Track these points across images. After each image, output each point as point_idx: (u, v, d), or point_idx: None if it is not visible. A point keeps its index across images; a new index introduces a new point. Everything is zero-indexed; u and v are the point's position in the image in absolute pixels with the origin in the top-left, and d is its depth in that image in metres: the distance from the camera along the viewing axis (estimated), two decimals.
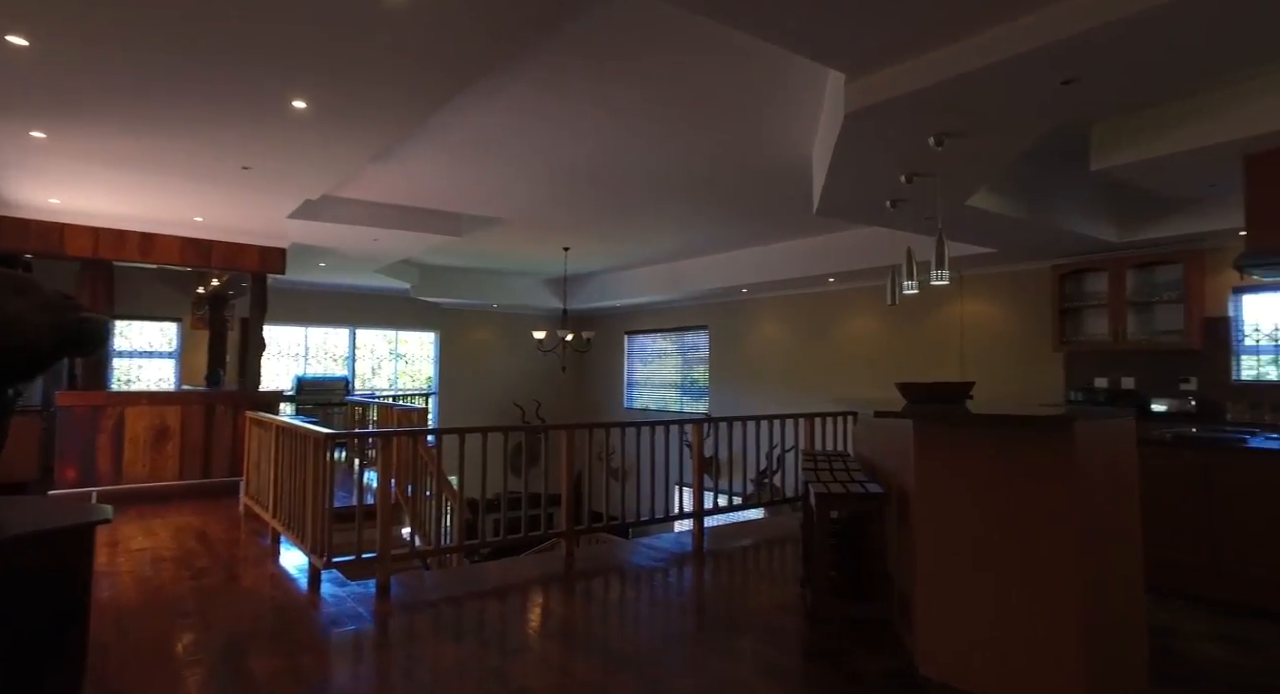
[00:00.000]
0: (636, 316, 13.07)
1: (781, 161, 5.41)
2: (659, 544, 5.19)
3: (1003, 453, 2.72)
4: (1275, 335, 6.13)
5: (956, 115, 3.18)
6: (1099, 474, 2.67)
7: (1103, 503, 2.67)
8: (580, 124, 4.71)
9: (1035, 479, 2.63)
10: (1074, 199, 5.89)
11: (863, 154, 3.80)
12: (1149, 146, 4.30)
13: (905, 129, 3.37)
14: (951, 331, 8.34)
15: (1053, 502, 2.60)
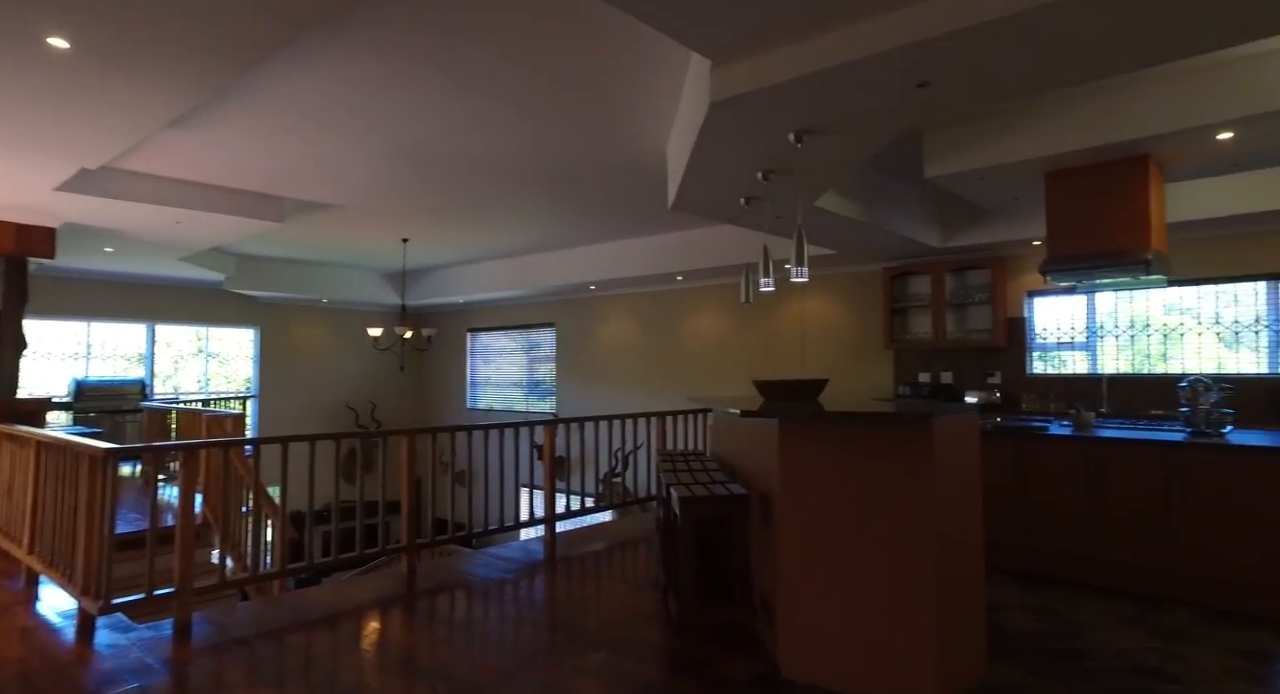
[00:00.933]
0: (480, 313, 12.54)
1: (637, 155, 5.30)
2: (508, 554, 4.90)
3: (865, 450, 2.74)
4: (1058, 334, 6.91)
5: (819, 112, 3.19)
6: (952, 467, 2.76)
7: (954, 495, 2.77)
8: (423, 101, 4.31)
9: (896, 475, 2.67)
10: (905, 206, 6.28)
11: (723, 147, 3.74)
12: (971, 158, 4.63)
13: (768, 123, 3.35)
14: (793, 330, 8.70)
15: (912, 496, 2.65)
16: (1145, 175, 4.30)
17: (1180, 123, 3.92)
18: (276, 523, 4.55)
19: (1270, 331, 5.96)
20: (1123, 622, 3.56)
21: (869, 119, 3.26)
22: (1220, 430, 4.16)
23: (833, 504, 2.80)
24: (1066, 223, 4.57)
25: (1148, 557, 3.96)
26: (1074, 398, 6.57)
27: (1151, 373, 6.37)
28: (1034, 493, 4.34)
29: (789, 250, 6.43)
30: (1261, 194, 5.36)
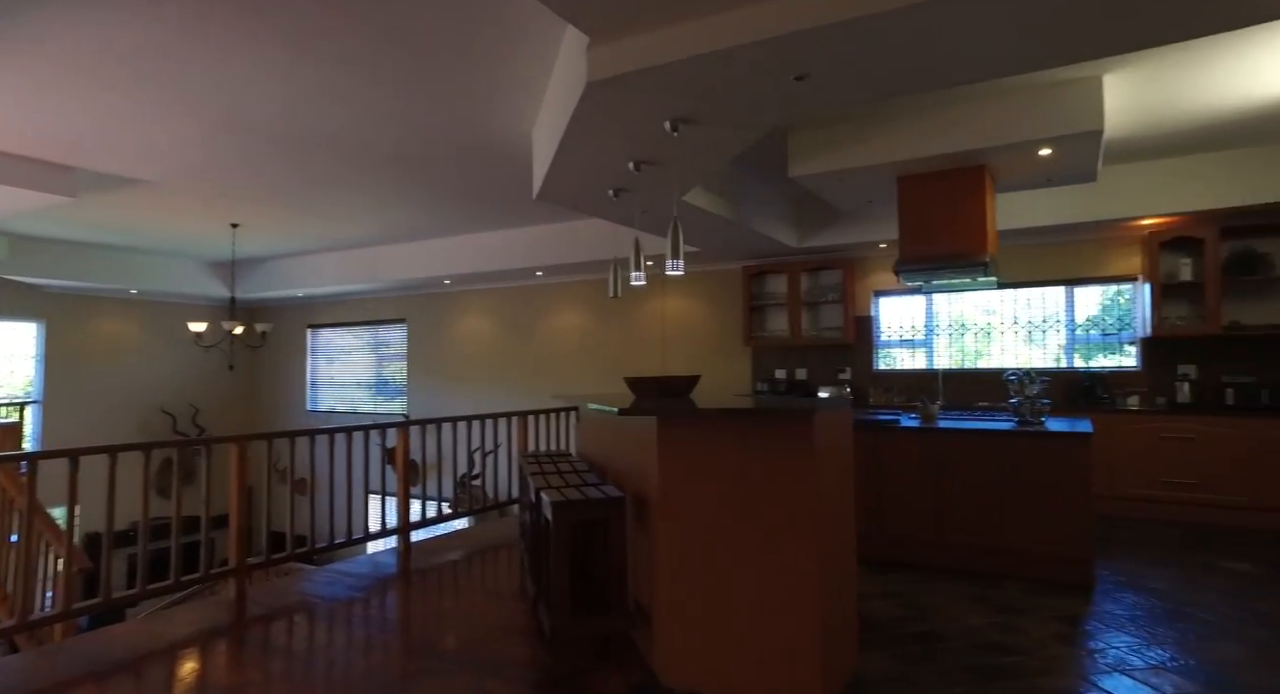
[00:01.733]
0: (323, 308, 11.58)
1: (500, 139, 5.01)
2: (356, 569, 4.46)
3: (747, 447, 2.68)
4: (901, 332, 7.39)
5: (698, 99, 3.11)
6: (831, 462, 2.76)
7: (833, 489, 2.78)
8: (255, 66, 3.79)
9: (778, 471, 2.63)
10: (766, 205, 6.43)
11: (597, 133, 3.58)
12: (832, 159, 4.78)
13: (645, 108, 3.22)
14: (654, 327, 8.72)
15: (795, 493, 2.62)
16: (982, 184, 4.64)
17: (1011, 137, 4.25)
18: (61, 552, 3.83)
19: (1067, 330, 6.68)
20: (966, 600, 3.78)
21: (747, 110, 3.23)
22: (1040, 419, 4.56)
23: (713, 503, 2.72)
24: (916, 225, 4.84)
25: (983, 537, 4.25)
26: (915, 392, 7.04)
27: (976, 368, 6.96)
28: (887, 483, 4.55)
29: (655, 247, 6.40)
30: (1065, 208, 5.99)
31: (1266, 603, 3.75)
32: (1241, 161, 5.48)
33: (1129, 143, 5.23)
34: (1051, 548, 4.07)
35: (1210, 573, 4.28)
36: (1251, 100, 4.48)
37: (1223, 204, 5.54)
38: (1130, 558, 4.60)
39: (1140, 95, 4.34)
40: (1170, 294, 6.05)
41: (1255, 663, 3.01)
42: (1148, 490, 5.68)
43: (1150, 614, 3.58)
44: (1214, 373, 5.99)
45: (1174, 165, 5.67)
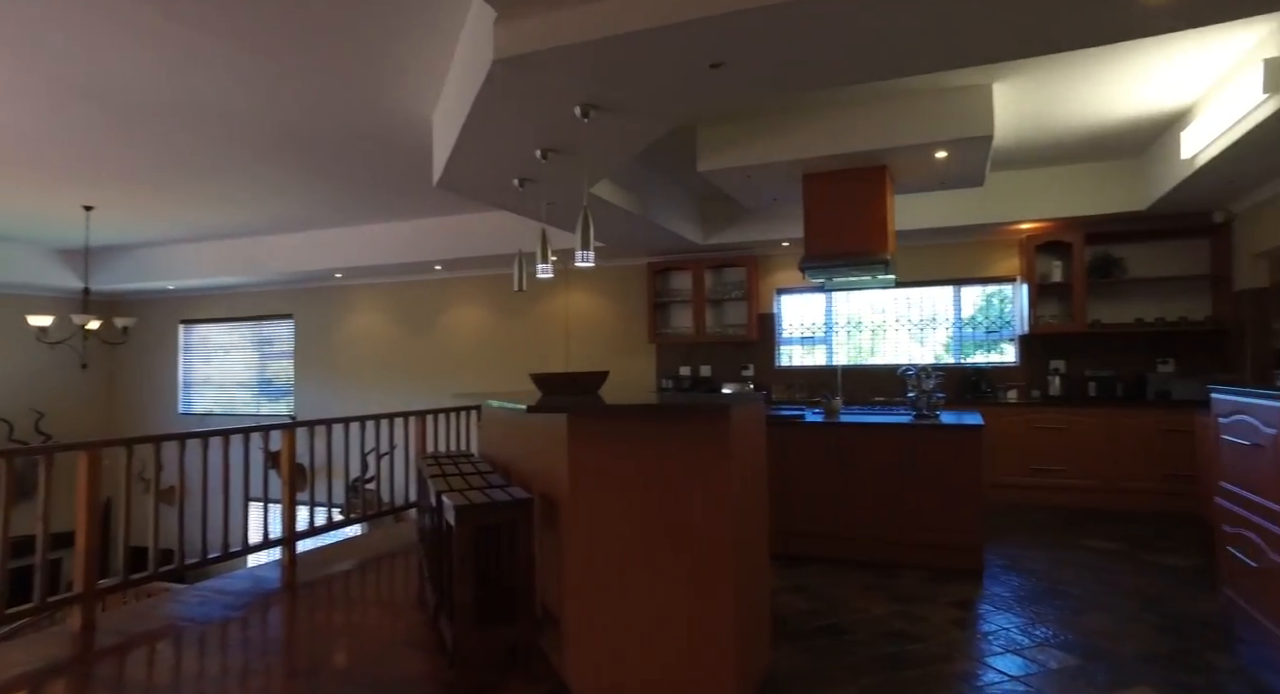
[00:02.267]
0: (198, 302, 10.66)
1: (397, 123, 4.71)
2: (234, 586, 4.07)
3: (661, 444, 2.60)
4: (802, 329, 7.57)
5: (610, 84, 3.00)
6: (745, 458, 2.72)
7: (748, 487, 2.74)
8: (116, 22, 3.36)
9: (693, 469, 2.56)
10: (672, 201, 6.41)
11: (502, 116, 3.40)
12: (740, 155, 4.79)
13: (554, 91, 3.08)
14: (558, 324, 8.54)
15: (710, 491, 2.56)
16: (884, 184, 4.78)
17: (911, 139, 4.39)
18: None
19: (955, 327, 7.05)
20: (870, 590, 3.87)
21: (661, 97, 3.14)
22: (936, 413, 4.75)
23: (625, 504, 2.63)
24: (821, 223, 4.93)
25: (884, 528, 4.38)
26: (815, 388, 7.23)
27: (871, 364, 7.22)
28: (793, 478, 4.61)
29: (560, 241, 6.24)
30: (955, 211, 6.31)
31: (1123, 577, 4.07)
32: (1102, 173, 5.94)
33: (1012, 151, 5.55)
34: (946, 536, 4.24)
35: (1077, 551, 4.59)
36: (1111, 118, 4.84)
37: (1087, 212, 5.99)
38: (1011, 542, 4.88)
39: (1022, 107, 4.59)
40: (1044, 294, 6.49)
41: (1120, 632, 3.24)
42: (1022, 477, 6.06)
43: (1031, 594, 3.79)
44: (1080, 367, 6.47)
45: (1048, 174, 6.07)
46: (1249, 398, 2.99)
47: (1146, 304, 6.29)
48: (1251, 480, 2.99)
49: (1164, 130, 5.13)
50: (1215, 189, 5.20)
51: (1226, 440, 3.24)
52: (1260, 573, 2.90)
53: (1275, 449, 2.74)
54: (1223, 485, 3.31)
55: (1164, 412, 5.72)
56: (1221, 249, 5.98)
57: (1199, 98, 4.48)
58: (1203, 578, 4.05)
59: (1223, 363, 6.03)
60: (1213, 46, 3.80)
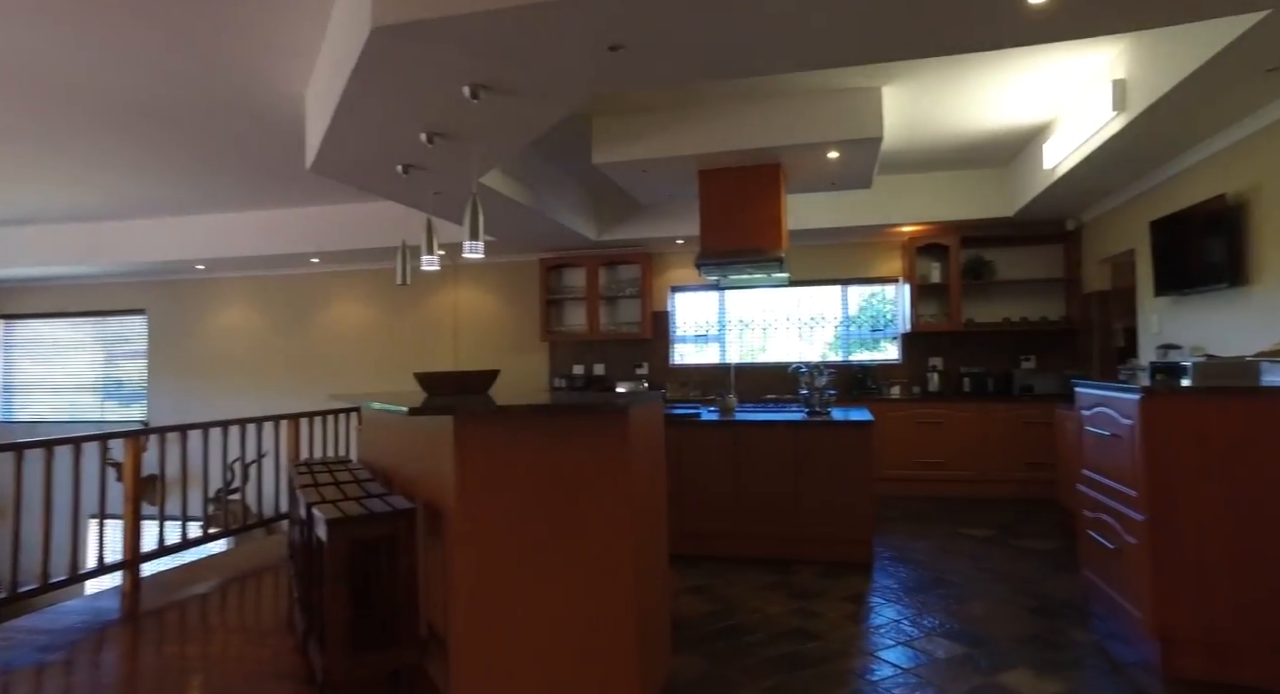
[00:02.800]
0: (26, 294, 9.45)
1: (265, 98, 4.28)
2: (57, 621, 3.54)
3: (555, 446, 2.44)
4: (696, 327, 7.60)
5: (501, 61, 2.80)
6: (644, 461, 2.61)
7: (647, 489, 2.63)
8: None
9: (590, 472, 2.42)
10: (566, 195, 6.24)
11: (382, 92, 3.12)
12: (637, 148, 4.70)
13: (440, 66, 2.84)
14: (446, 322, 8.17)
15: (609, 495, 2.42)
16: (778, 182, 4.82)
17: (805, 137, 4.45)
18: None
19: (842, 326, 7.29)
20: (767, 589, 3.88)
21: (556, 80, 2.98)
22: (828, 410, 4.85)
23: (517, 511, 2.45)
24: (717, 219, 4.92)
25: (779, 525, 4.41)
26: (709, 386, 7.27)
27: (762, 362, 7.35)
28: (690, 477, 4.56)
29: (448, 234, 5.94)
30: (843, 212, 6.50)
31: (995, 562, 4.30)
32: (976, 181, 6.30)
33: (896, 156, 5.77)
34: (839, 531, 4.31)
35: (956, 540, 4.82)
36: (984, 128, 5.12)
37: (962, 216, 6.33)
38: (897, 533, 5.06)
39: (907, 112, 4.76)
40: (924, 294, 6.81)
41: (997, 616, 3.40)
42: (904, 469, 6.33)
43: (918, 584, 3.91)
44: (956, 364, 6.84)
45: (929, 179, 6.37)
46: (1108, 391, 3.19)
47: (1013, 305, 6.74)
48: (1110, 468, 3.19)
49: (1029, 142, 5.47)
50: (1071, 198, 5.61)
51: (1088, 431, 3.45)
52: (1115, 554, 3.10)
53: (1131, 439, 2.93)
54: (1085, 473, 3.53)
55: (1028, 405, 6.13)
56: (1073, 255, 6.48)
57: (1059, 113, 4.80)
58: (1061, 559, 4.34)
59: (1074, 360, 6.54)
60: (1071, 65, 4.06)
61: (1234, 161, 4.02)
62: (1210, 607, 2.73)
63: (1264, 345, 3.64)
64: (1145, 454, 2.82)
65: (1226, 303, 4.14)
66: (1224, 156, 4.10)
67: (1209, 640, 2.72)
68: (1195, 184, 4.39)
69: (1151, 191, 4.95)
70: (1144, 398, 2.84)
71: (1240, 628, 2.70)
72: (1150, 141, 4.14)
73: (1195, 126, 3.92)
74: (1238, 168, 3.99)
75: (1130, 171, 4.81)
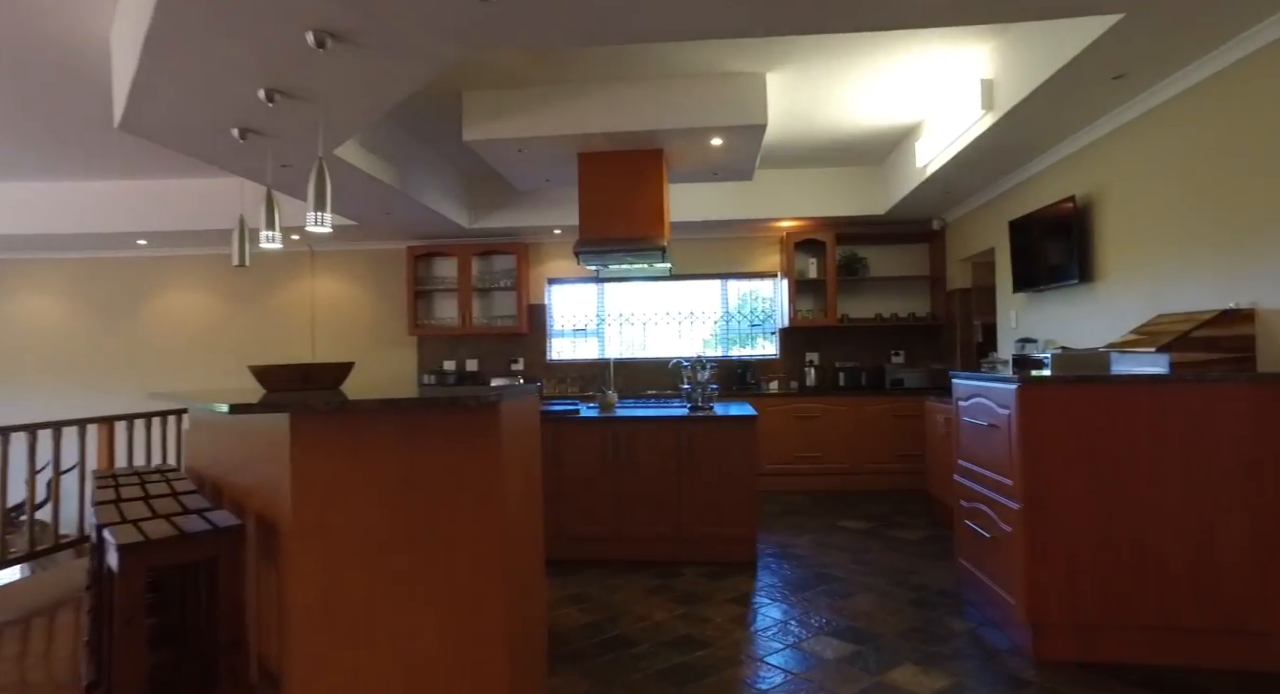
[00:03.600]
0: None
1: (66, 42, 3.58)
2: None
3: (412, 447, 2.10)
4: (574, 321, 7.33)
5: (353, 5, 2.40)
6: (517, 461, 2.31)
7: (521, 491, 2.33)
8: None
9: (453, 476, 2.10)
10: (435, 177, 5.79)
11: (201, 35, 2.63)
12: (511, 126, 4.37)
13: (276, 6, 2.40)
14: (302, 312, 7.44)
15: (476, 501, 2.11)
16: (660, 168, 4.64)
17: (689, 121, 4.29)
18: None
19: (723, 321, 7.26)
20: (651, 594, 3.68)
21: (417, 31, 2.61)
22: (710, 405, 4.73)
23: (368, 522, 2.09)
24: (597, 206, 4.67)
25: (663, 526, 4.23)
26: (588, 382, 7.02)
27: (642, 357, 7.19)
28: (569, 477, 4.30)
29: (303, 218, 5.34)
30: (726, 205, 6.45)
31: (874, 554, 4.34)
32: (852, 178, 6.43)
33: (779, 149, 5.76)
34: (724, 529, 4.19)
35: (835, 533, 4.85)
36: (861, 125, 5.20)
37: (838, 213, 6.44)
38: (779, 529, 5.03)
39: (790, 103, 4.72)
40: (801, 290, 6.89)
41: (880, 611, 3.37)
42: (784, 464, 6.37)
43: (801, 581, 3.85)
44: (831, 358, 6.98)
45: (808, 175, 6.43)
46: (986, 382, 3.23)
47: (884, 301, 6.95)
48: (987, 458, 3.23)
49: (902, 140, 5.63)
50: (938, 198, 5.82)
51: (965, 422, 3.50)
52: (991, 543, 3.14)
53: (1008, 428, 2.96)
54: (961, 463, 3.59)
55: (898, 399, 6.33)
56: (938, 253, 6.77)
57: (931, 113, 4.93)
58: (933, 548, 4.44)
59: (939, 354, 6.84)
60: (945, 62, 4.15)
61: (1083, 165, 4.25)
62: (1077, 590, 2.79)
63: (1112, 337, 3.85)
64: (1022, 442, 2.85)
65: (1077, 299, 4.38)
66: (1075, 160, 4.33)
67: (1076, 622, 2.79)
68: (1049, 186, 4.62)
69: (1011, 192, 5.21)
70: (1021, 387, 2.87)
71: (1103, 609, 2.78)
72: (1013, 142, 4.30)
73: (1052, 130, 4.10)
74: (1086, 171, 4.22)
75: (993, 172, 5.02)
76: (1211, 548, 2.74)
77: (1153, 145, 3.62)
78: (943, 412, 5.02)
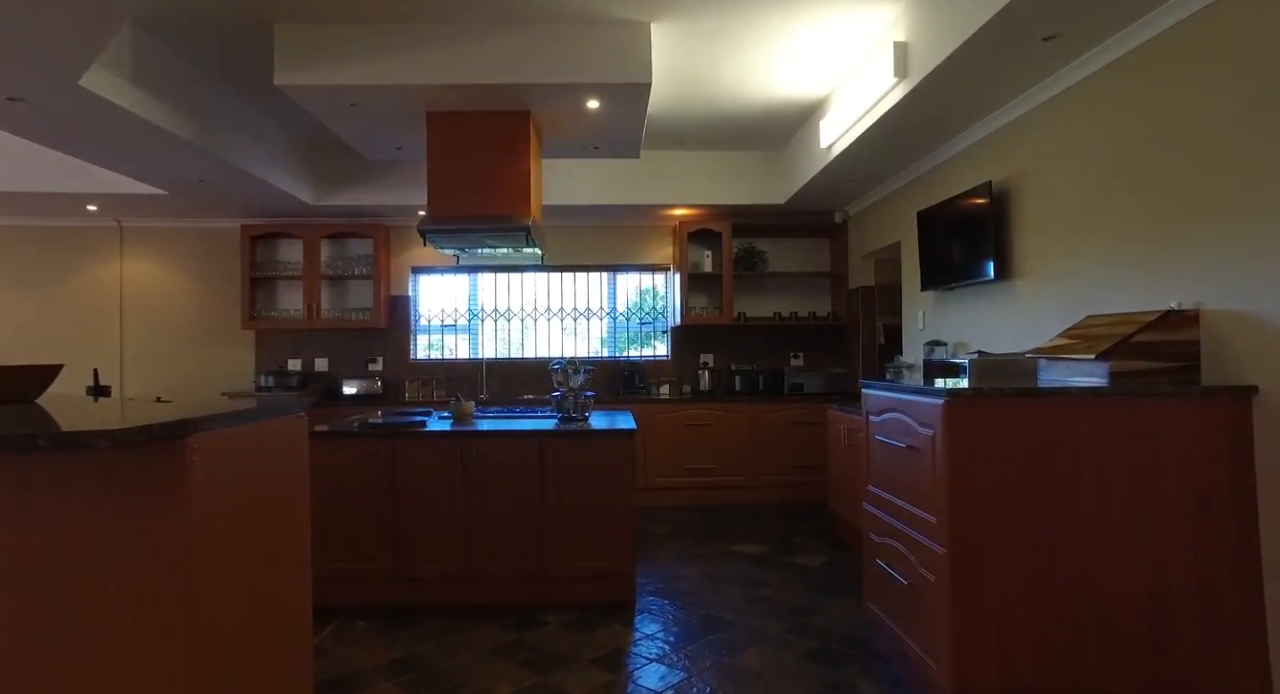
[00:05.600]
0: None
1: None
2: None
3: (25, 514, 1.26)
4: (443, 316, 6.46)
5: None
6: (242, 515, 1.51)
7: (246, 556, 1.53)
8: None
9: (115, 541, 1.28)
10: (263, 141, 4.79)
11: None
12: (336, 71, 3.50)
13: None
14: (108, 301, 6.19)
15: (142, 595, 1.30)
16: (527, 134, 3.88)
17: (558, 76, 3.56)
18: None
19: (609, 318, 6.57)
20: (499, 655, 2.93)
21: None
22: (585, 414, 4.02)
23: None
24: (448, 176, 3.86)
25: (522, 563, 3.50)
26: (457, 384, 6.17)
27: (522, 357, 6.41)
28: (407, 507, 3.49)
29: (106, 184, 4.29)
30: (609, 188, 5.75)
31: (769, 587, 3.77)
32: (750, 163, 5.88)
33: (669, 126, 5.12)
34: (596, 565, 3.50)
35: (727, 561, 4.26)
36: (760, 100, 4.63)
37: (734, 201, 5.88)
38: (664, 555, 4.38)
39: (681, 70, 4.08)
40: (695, 285, 6.30)
41: (777, 669, 2.78)
42: (674, 477, 5.75)
43: (686, 629, 3.21)
44: (727, 361, 6.42)
45: (701, 159, 5.83)
46: (905, 395, 2.68)
47: (783, 299, 6.46)
48: (904, 487, 2.68)
49: (805, 121, 5.10)
50: (841, 187, 5.35)
51: (878, 441, 2.94)
52: (908, 590, 2.59)
53: (930, 452, 2.41)
54: (872, 490, 3.04)
55: (797, 405, 5.84)
56: (839, 249, 6.34)
57: (839, 84, 4.41)
58: (835, 577, 3.92)
59: (841, 357, 6.42)
60: (853, 26, 3.61)
61: (1001, 148, 3.82)
62: (1011, 652, 2.27)
63: (1032, 341, 3.42)
64: (949, 471, 2.29)
65: (992, 298, 3.96)
66: (992, 142, 3.90)
67: (1009, 688, 2.26)
68: (964, 173, 4.19)
69: (920, 181, 4.77)
70: (949, 402, 2.31)
71: (1040, 673, 2.26)
72: (926, 118, 3.82)
73: (970, 104, 3.64)
74: (1004, 155, 3.79)
75: (903, 156, 4.55)
76: (1160, 597, 2.27)
77: (1079, 124, 3.19)
78: (845, 422, 4.52)
